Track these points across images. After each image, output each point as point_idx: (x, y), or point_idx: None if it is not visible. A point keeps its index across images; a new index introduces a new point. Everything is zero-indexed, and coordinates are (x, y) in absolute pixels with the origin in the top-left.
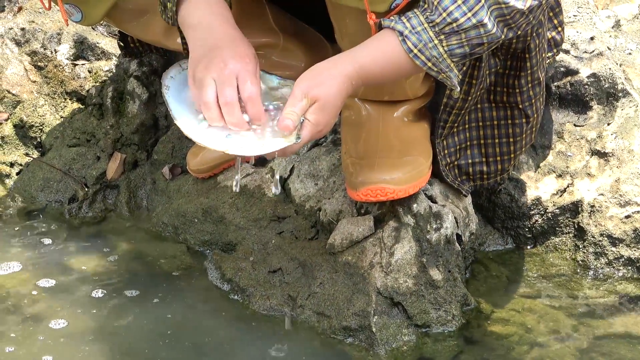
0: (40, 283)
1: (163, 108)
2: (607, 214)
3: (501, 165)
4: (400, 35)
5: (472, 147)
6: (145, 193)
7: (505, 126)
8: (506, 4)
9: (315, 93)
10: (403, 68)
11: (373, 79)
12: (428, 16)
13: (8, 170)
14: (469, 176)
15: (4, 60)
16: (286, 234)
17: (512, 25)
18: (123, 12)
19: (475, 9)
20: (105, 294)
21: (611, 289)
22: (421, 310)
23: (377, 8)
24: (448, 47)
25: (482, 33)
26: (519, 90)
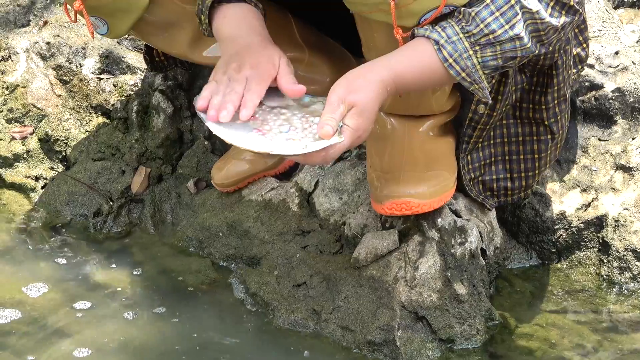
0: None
1: (188, 122)
2: (632, 229)
3: (525, 181)
4: (435, 44)
5: (496, 163)
6: (170, 207)
7: (530, 142)
8: (542, 19)
9: (352, 99)
10: (437, 77)
11: (406, 87)
12: (464, 26)
13: (33, 184)
14: (492, 192)
15: (30, 75)
16: (311, 248)
17: (544, 41)
18: (149, 25)
19: (513, 22)
20: (130, 309)
21: (636, 304)
22: (445, 325)
23: (406, 23)
24: (482, 59)
25: (518, 46)
26: (545, 106)
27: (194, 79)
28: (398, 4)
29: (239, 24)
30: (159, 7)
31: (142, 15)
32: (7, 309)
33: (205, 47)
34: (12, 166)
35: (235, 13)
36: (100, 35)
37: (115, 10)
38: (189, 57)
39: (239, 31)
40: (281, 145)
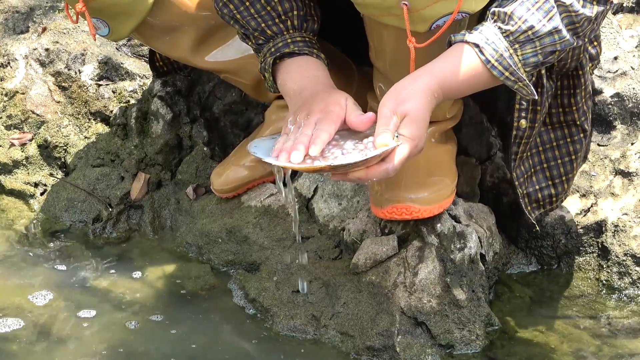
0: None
1: (187, 128)
2: (631, 234)
3: (567, 184)
4: (476, 47)
5: (536, 173)
6: (169, 213)
7: (565, 145)
8: (576, 12)
9: (404, 109)
10: (481, 79)
11: (452, 92)
12: (501, 26)
13: (32, 190)
14: (538, 203)
15: (29, 81)
16: (310, 254)
17: (579, 33)
18: (151, 29)
19: (550, 15)
20: (131, 316)
21: (635, 310)
22: (445, 330)
23: (418, 28)
24: (522, 56)
25: (557, 40)
26: (576, 107)
27: (193, 85)
28: (411, 8)
29: (302, 76)
30: (162, 10)
31: (144, 18)
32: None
33: (208, 52)
34: (11, 172)
35: (298, 67)
36: (101, 37)
37: (118, 13)
38: (191, 61)
39: (303, 84)
40: (340, 158)
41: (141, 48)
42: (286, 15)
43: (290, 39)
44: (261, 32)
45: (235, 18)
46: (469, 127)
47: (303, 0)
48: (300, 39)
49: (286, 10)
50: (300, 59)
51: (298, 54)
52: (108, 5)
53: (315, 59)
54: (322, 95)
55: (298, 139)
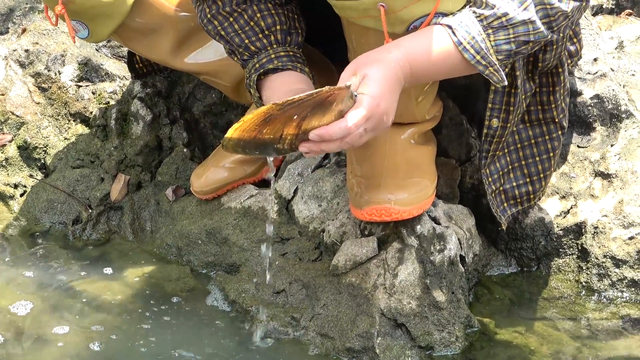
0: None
1: (167, 129)
2: (611, 236)
3: (544, 181)
4: (449, 28)
5: (514, 170)
6: (149, 214)
7: (543, 142)
8: (551, 5)
9: (365, 71)
10: (452, 62)
11: (421, 73)
12: (476, 10)
13: (12, 191)
14: (515, 200)
15: (8, 82)
16: (290, 255)
17: (554, 27)
18: (130, 31)
19: (525, 5)
20: (109, 317)
21: (615, 312)
22: (424, 332)
23: (395, 29)
24: (495, 42)
25: (530, 30)
26: (555, 104)
27: (173, 87)
28: (388, 10)
29: (287, 91)
30: (141, 12)
31: (123, 20)
32: None
33: (187, 54)
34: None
35: (282, 83)
36: (81, 39)
37: (97, 15)
38: (170, 63)
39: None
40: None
41: (121, 49)
42: (269, 30)
43: (274, 54)
44: (245, 48)
45: (220, 34)
46: (449, 129)
47: (286, 14)
48: (284, 53)
49: (269, 25)
50: (284, 74)
51: (282, 70)
52: (87, 7)
53: (299, 73)
54: None
55: None
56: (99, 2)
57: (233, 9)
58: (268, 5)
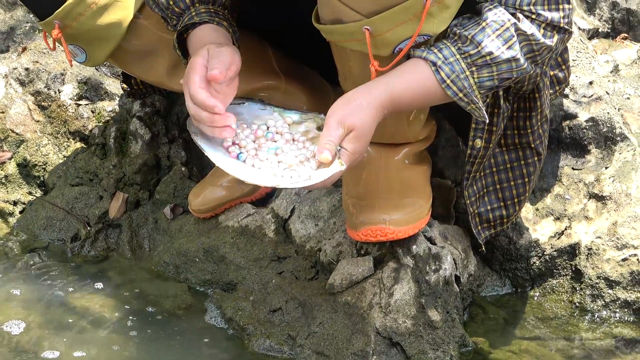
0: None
1: (165, 148)
2: (604, 257)
3: (519, 206)
4: (433, 66)
5: (488, 193)
6: (147, 232)
7: (518, 167)
8: (537, 41)
9: (351, 122)
10: (434, 97)
11: (403, 107)
12: (460, 47)
13: (11, 208)
14: (489, 223)
15: (8, 100)
16: (286, 274)
17: (538, 61)
18: (126, 54)
19: (510, 43)
20: (107, 334)
21: (608, 332)
22: (419, 351)
23: (381, 52)
24: (478, 79)
25: (514, 67)
26: (531, 129)
27: (171, 106)
28: (373, 33)
29: (202, 43)
30: (136, 35)
31: (119, 44)
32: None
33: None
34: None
35: (199, 36)
36: (78, 63)
37: (93, 39)
38: (167, 84)
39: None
40: (287, 180)
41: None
42: None
43: (194, 12)
44: (172, 11)
45: (157, 2)
46: (445, 150)
47: None
48: (204, 10)
49: None
50: (202, 27)
51: (199, 24)
52: (83, 31)
53: (216, 26)
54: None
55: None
56: (95, 25)
57: None
58: None
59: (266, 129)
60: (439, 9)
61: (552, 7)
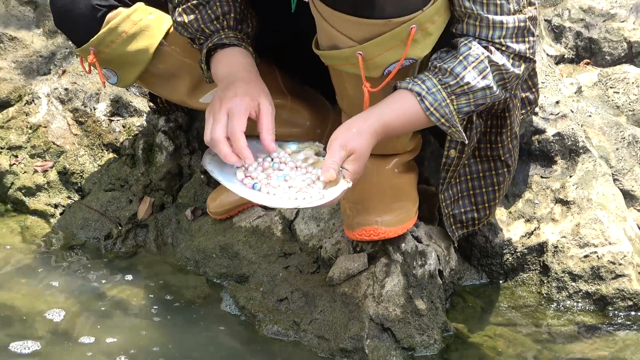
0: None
1: (187, 159)
2: (569, 254)
3: (489, 210)
4: (418, 96)
5: (462, 198)
6: (171, 231)
7: (490, 177)
8: (507, 70)
9: (352, 146)
10: (419, 123)
11: (393, 132)
12: (441, 79)
13: (53, 210)
14: (462, 224)
15: (50, 116)
16: (292, 268)
17: (508, 87)
18: (152, 77)
19: (484, 74)
20: (135, 320)
21: (571, 319)
22: (407, 335)
23: (372, 74)
24: (457, 106)
25: (488, 94)
26: (501, 144)
27: (192, 121)
28: (365, 57)
29: (230, 63)
30: (161, 60)
31: (146, 68)
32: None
33: (202, 95)
34: (34, 195)
35: (227, 56)
36: (110, 84)
37: (124, 63)
38: (188, 103)
39: (230, 69)
40: (305, 201)
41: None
42: (224, 16)
43: (224, 35)
44: (201, 32)
45: (184, 25)
46: (430, 161)
47: (241, 8)
48: (232, 35)
49: (225, 13)
50: (230, 49)
51: (229, 46)
52: (115, 56)
53: (244, 49)
54: (241, 83)
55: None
56: (125, 51)
57: (200, 2)
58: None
59: (271, 160)
60: (422, 36)
61: (519, 40)
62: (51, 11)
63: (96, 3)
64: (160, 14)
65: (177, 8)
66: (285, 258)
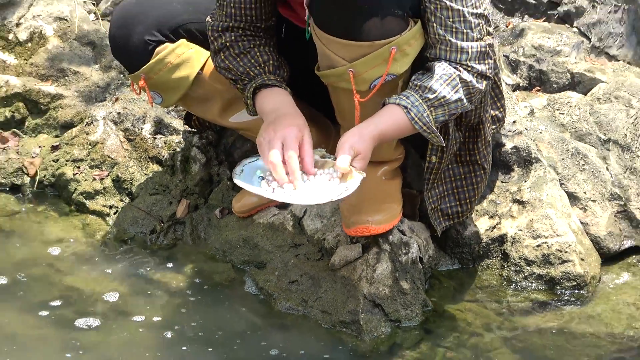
0: (132, 292)
1: (216, 168)
2: (524, 244)
3: (470, 205)
4: (404, 109)
5: (448, 195)
6: (203, 227)
7: (469, 177)
8: (473, 86)
9: (358, 147)
10: (406, 130)
11: (387, 138)
12: (422, 94)
13: (108, 211)
14: (448, 216)
15: (106, 135)
16: (301, 256)
17: (473, 100)
18: (191, 99)
19: (456, 89)
20: (175, 301)
21: (526, 297)
22: (394, 310)
23: (361, 87)
24: (435, 116)
25: (459, 105)
26: (477, 151)
27: (220, 138)
28: (355, 74)
29: (274, 100)
30: (199, 86)
31: (186, 92)
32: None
33: (231, 115)
34: (93, 198)
35: (271, 94)
36: (156, 104)
37: (168, 88)
38: (218, 121)
39: (274, 105)
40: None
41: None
42: (265, 63)
43: (266, 78)
44: (246, 75)
45: (229, 68)
46: (412, 169)
47: (278, 56)
48: (273, 78)
49: (265, 61)
50: (273, 89)
51: (272, 86)
52: (161, 82)
53: (284, 89)
54: (288, 116)
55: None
56: (170, 78)
57: (241, 51)
58: (266, 49)
59: None
60: (401, 56)
61: (481, 62)
62: (110, 44)
63: (147, 38)
64: (199, 49)
65: (218, 54)
66: (295, 248)
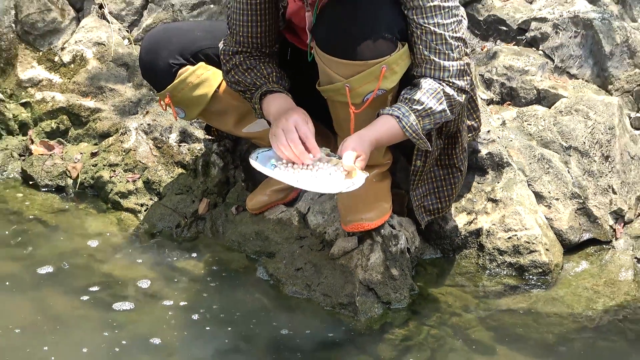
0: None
1: (232, 172)
2: (497, 236)
3: (449, 202)
4: (397, 119)
5: (430, 194)
6: (221, 222)
7: (448, 179)
8: (454, 99)
9: (359, 149)
10: (398, 137)
11: (382, 143)
12: (411, 106)
13: (139, 208)
14: (430, 212)
15: (138, 143)
16: (305, 247)
17: (454, 111)
18: (210, 113)
19: (441, 101)
20: (198, 286)
21: (499, 281)
22: (385, 293)
23: (355, 100)
24: (423, 125)
25: (444, 116)
26: (455, 156)
27: (236, 146)
28: (350, 89)
29: (279, 103)
30: (216, 102)
31: (206, 107)
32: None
33: (244, 126)
34: (127, 197)
35: (276, 99)
36: (180, 118)
37: (190, 104)
38: (233, 132)
39: (280, 107)
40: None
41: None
42: (269, 75)
43: (270, 86)
44: (253, 85)
45: (239, 81)
46: (401, 173)
47: (279, 70)
48: (277, 86)
49: (269, 73)
50: (277, 94)
51: (275, 92)
52: (184, 99)
53: (286, 94)
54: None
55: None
56: (191, 96)
57: (248, 67)
58: (269, 64)
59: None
60: (390, 73)
61: (461, 79)
62: (140, 67)
63: (171, 62)
64: (216, 70)
65: (229, 72)
66: (300, 240)
